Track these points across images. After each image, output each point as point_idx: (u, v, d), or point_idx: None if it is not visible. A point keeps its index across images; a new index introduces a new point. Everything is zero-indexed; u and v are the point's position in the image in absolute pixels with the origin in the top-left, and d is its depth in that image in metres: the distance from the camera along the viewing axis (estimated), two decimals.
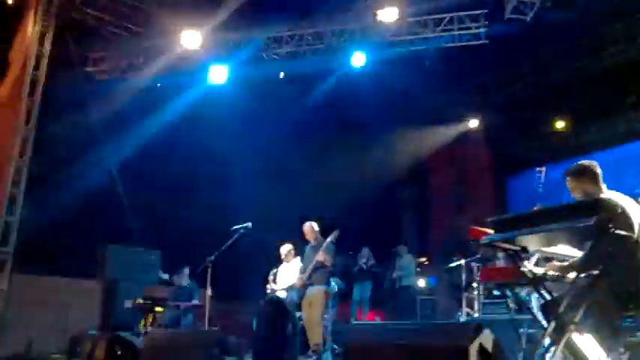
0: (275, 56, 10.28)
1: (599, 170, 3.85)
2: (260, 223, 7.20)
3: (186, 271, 9.00)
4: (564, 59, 10.21)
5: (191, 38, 9.68)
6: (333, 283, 7.57)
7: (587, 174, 3.83)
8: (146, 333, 7.18)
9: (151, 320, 8.19)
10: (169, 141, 10.03)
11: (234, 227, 6.48)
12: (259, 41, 10.06)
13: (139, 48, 10.33)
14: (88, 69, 10.56)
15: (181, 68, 10.15)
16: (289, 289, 7.66)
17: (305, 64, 10.09)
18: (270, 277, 8.57)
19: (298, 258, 7.97)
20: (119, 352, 5.58)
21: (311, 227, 7.26)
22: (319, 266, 6.86)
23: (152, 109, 10.24)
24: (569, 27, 9.13)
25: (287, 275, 8.19)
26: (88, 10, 9.77)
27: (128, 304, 8.62)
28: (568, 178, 3.89)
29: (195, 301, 8.57)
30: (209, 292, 6.33)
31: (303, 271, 7.14)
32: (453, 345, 2.57)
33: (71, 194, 9.40)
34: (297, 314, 7.35)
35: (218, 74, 10.25)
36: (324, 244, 6.82)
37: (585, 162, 3.93)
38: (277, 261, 8.35)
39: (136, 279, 9.19)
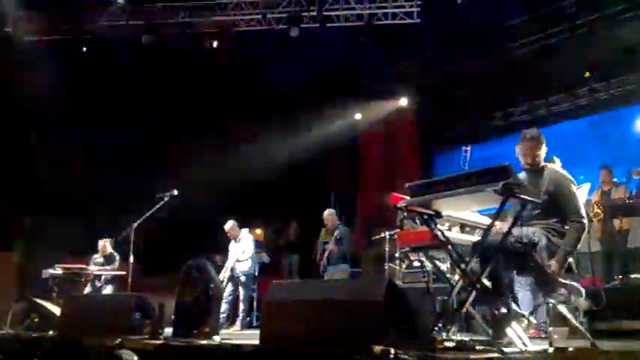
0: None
1: None
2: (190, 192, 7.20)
3: (110, 239, 8.79)
4: (493, 41, 10.51)
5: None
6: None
7: (542, 142, 4.00)
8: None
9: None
10: (94, 106, 9.63)
11: (159, 194, 6.36)
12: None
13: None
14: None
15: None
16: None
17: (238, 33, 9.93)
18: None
19: (245, 230, 8.08)
20: (36, 319, 5.40)
21: (330, 215, 8.07)
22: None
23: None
24: (497, 9, 9.42)
25: (234, 252, 8.15)
26: None
27: (46, 274, 8.33)
28: (529, 143, 3.95)
29: (115, 266, 8.39)
30: (131, 259, 6.22)
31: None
32: (367, 298, 2.67)
33: None
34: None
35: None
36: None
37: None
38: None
39: (55, 248, 8.87)
